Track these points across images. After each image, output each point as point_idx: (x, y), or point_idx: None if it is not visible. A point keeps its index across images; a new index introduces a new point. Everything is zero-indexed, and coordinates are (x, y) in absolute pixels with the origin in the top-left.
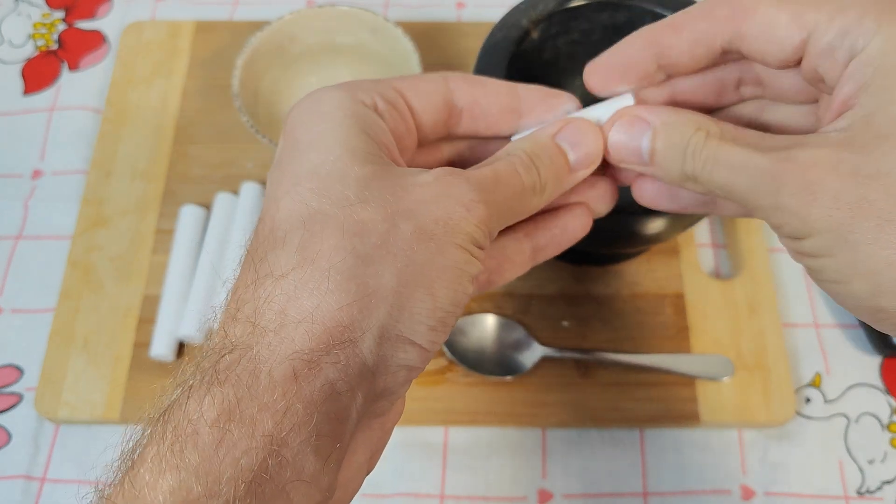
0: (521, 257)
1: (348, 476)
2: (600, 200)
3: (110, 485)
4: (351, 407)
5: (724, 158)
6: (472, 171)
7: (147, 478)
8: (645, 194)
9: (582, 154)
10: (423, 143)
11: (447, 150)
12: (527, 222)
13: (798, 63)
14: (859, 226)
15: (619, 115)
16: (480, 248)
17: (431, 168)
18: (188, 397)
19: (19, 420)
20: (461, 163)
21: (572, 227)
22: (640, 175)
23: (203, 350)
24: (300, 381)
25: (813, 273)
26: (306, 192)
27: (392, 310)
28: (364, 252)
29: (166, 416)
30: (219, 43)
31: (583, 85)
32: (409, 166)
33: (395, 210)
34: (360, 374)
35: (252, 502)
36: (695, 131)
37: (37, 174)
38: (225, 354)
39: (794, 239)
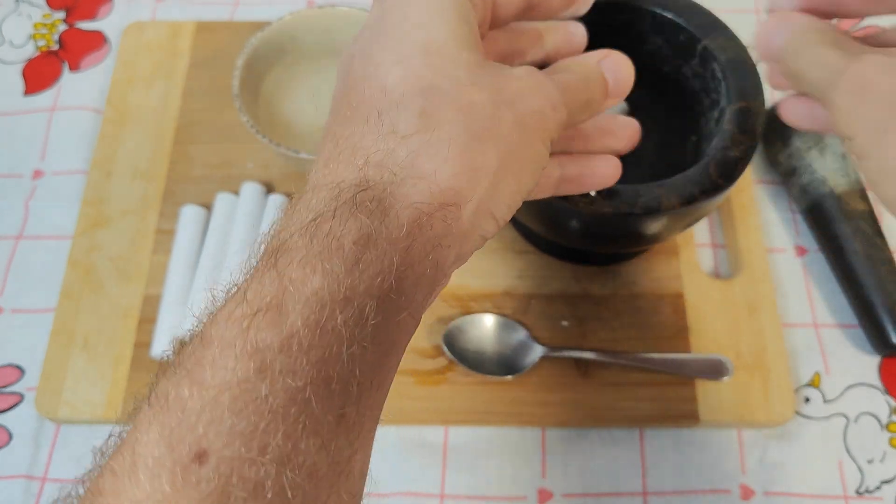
0: (548, 180)
1: None
2: (628, 142)
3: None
4: (447, 261)
5: (812, 54)
6: (553, 76)
7: (295, 275)
8: (789, 112)
9: (619, 83)
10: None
11: (502, 41)
12: (561, 151)
13: None
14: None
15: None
16: (551, 146)
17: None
18: (332, 217)
19: (20, 420)
20: (506, 58)
21: (601, 172)
22: (789, 98)
23: (340, 182)
24: (420, 227)
25: (866, 177)
26: (420, 65)
27: (490, 186)
28: (475, 131)
29: (313, 229)
30: (219, 43)
31: None
32: None
33: (499, 97)
34: (458, 235)
35: (378, 318)
36: (811, 32)
37: (37, 174)
38: (362, 190)
39: (847, 139)
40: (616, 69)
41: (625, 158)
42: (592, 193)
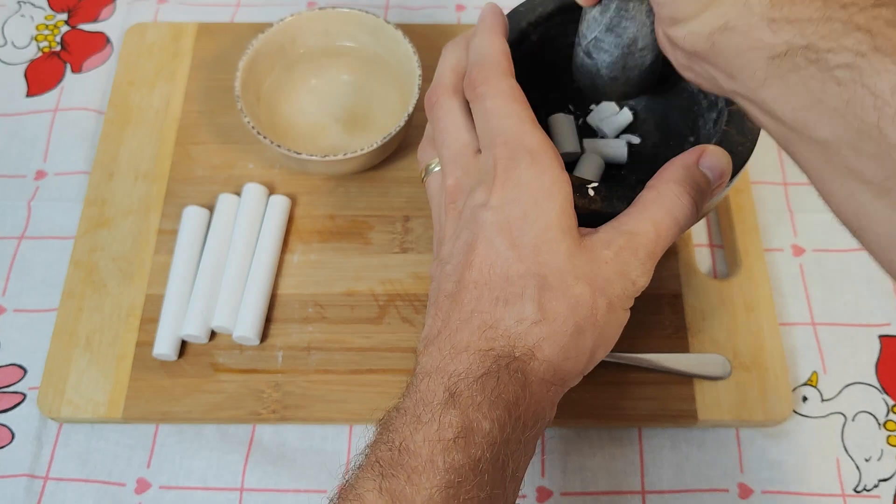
0: None
1: None
2: None
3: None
4: (554, 410)
5: None
6: (640, 238)
7: (472, 416)
8: None
9: (720, 176)
10: None
11: None
12: None
13: None
14: None
15: None
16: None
17: None
18: (496, 380)
19: (22, 419)
20: None
21: None
22: None
23: (489, 350)
24: (547, 390)
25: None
26: (534, 263)
27: (587, 362)
28: (579, 324)
29: (479, 385)
30: (220, 45)
31: (580, 87)
32: None
33: (594, 286)
34: (560, 394)
35: (519, 449)
36: None
37: (40, 175)
38: (511, 360)
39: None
40: (714, 165)
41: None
42: (591, 193)
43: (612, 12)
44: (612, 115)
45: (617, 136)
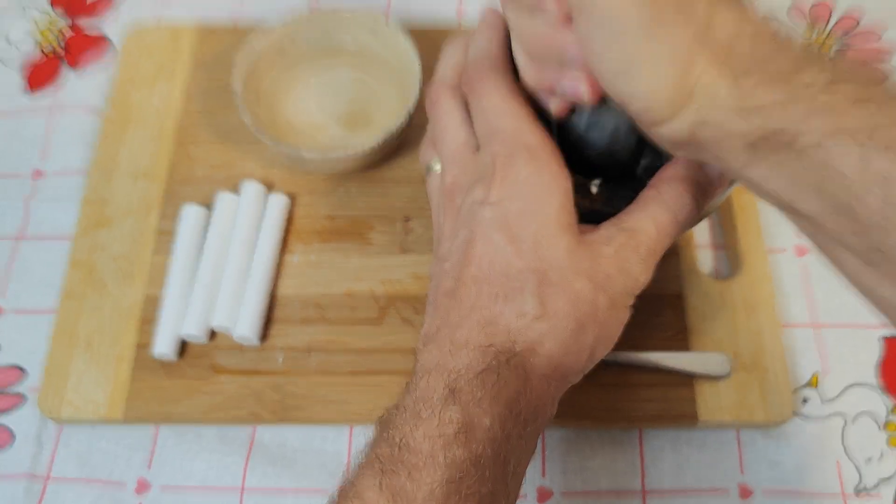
0: None
1: None
2: None
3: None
4: (555, 406)
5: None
6: (641, 236)
7: (473, 411)
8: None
9: (720, 174)
10: None
11: None
12: None
13: None
14: None
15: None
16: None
17: None
18: (496, 375)
19: (23, 420)
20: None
21: None
22: None
23: (489, 346)
24: (548, 386)
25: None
26: (534, 259)
27: (588, 359)
28: (580, 319)
29: (479, 381)
30: (221, 45)
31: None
32: None
33: (595, 282)
34: (562, 389)
35: (520, 444)
36: None
37: (38, 174)
38: (509, 359)
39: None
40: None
41: (624, 160)
42: (594, 190)
43: (588, 115)
44: None
45: None
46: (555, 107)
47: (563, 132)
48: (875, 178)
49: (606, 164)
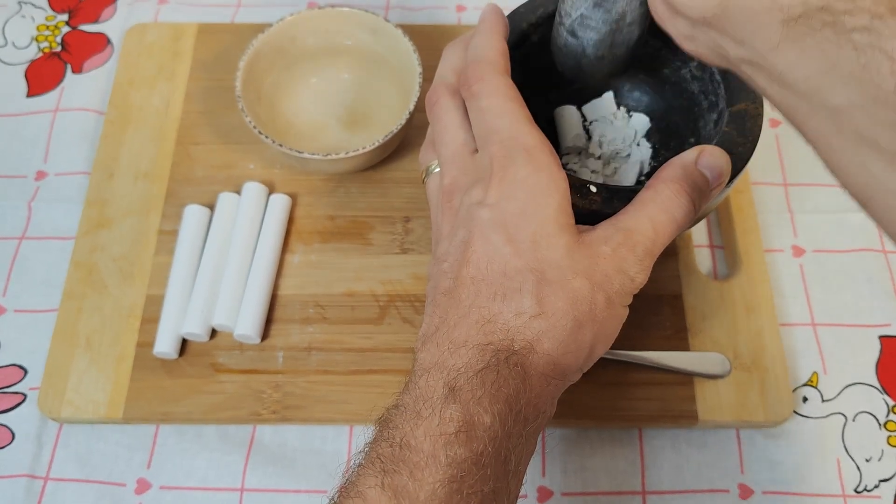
0: None
1: None
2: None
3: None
4: (555, 405)
5: None
6: (638, 236)
7: (473, 410)
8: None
9: (718, 176)
10: None
11: None
12: None
13: None
14: None
15: None
16: None
17: None
18: (496, 374)
19: (23, 419)
20: None
21: None
22: None
23: (487, 345)
24: (547, 385)
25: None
26: (532, 258)
27: (586, 357)
28: (578, 318)
29: (479, 379)
30: (221, 45)
31: (581, 88)
32: None
33: (593, 280)
34: (561, 388)
35: (520, 443)
36: None
37: (40, 175)
38: (510, 354)
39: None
40: (712, 165)
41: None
42: (592, 192)
43: None
44: (625, 127)
45: (634, 135)
46: None
47: (563, 14)
48: None
49: (601, 59)
